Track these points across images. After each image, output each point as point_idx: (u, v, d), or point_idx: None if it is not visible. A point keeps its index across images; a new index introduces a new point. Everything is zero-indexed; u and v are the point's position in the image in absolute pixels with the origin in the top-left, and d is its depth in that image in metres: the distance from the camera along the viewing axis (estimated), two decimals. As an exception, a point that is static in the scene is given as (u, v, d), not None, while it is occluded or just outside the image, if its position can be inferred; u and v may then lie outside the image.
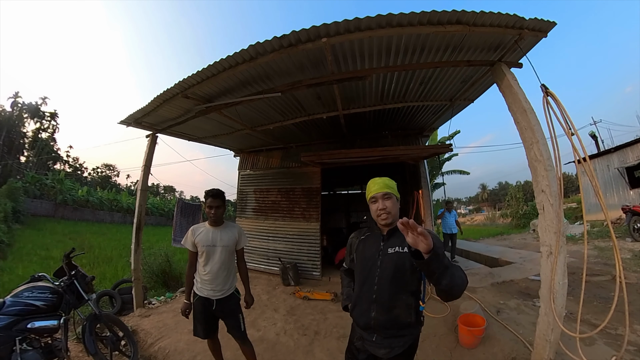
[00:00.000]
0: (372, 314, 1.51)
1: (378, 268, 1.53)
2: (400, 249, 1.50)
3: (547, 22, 2.60)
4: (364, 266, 1.59)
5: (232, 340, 2.64)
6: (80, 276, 2.90)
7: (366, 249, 1.63)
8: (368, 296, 1.53)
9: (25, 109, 36.13)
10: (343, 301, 1.79)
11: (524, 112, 2.64)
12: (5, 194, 16.54)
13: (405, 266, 1.46)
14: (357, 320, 1.60)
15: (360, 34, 2.69)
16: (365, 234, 1.71)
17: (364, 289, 1.56)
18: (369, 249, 1.61)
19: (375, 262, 1.54)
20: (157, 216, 28.46)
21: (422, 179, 6.20)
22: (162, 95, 3.79)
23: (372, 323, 1.51)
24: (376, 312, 1.50)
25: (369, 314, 1.52)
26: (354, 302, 1.63)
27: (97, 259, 9.82)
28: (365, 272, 1.57)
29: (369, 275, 1.55)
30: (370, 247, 1.61)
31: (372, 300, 1.51)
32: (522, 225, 17.27)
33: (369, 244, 1.63)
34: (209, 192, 2.47)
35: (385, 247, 1.54)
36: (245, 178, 7.55)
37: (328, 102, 4.52)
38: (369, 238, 1.66)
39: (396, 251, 1.50)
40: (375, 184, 1.59)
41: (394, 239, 1.54)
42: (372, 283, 1.53)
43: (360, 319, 1.57)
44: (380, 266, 1.52)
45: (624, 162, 11.27)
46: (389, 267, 1.50)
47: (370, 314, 1.51)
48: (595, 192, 2.31)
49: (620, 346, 2.19)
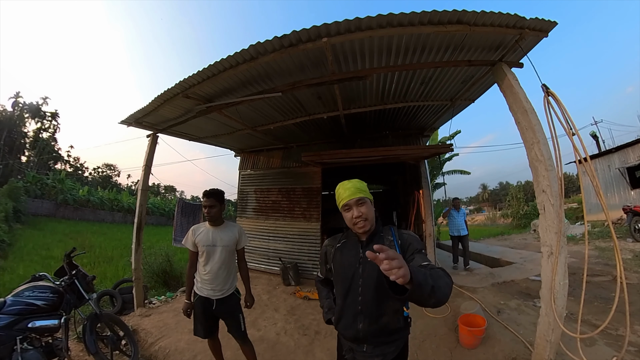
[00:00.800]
0: (360, 326, 1.42)
1: (360, 277, 1.42)
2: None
3: (548, 21, 2.60)
4: (345, 276, 1.47)
5: (232, 340, 2.64)
6: (81, 276, 2.91)
7: (344, 257, 1.51)
8: (353, 308, 1.44)
9: (26, 109, 36.20)
10: (325, 314, 1.67)
11: (525, 112, 2.64)
12: (6, 193, 16.57)
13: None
14: (344, 333, 1.51)
15: (361, 34, 2.69)
16: (341, 241, 1.58)
17: (347, 300, 1.46)
18: (347, 258, 1.49)
19: (357, 271, 1.43)
20: (157, 216, 28.50)
21: (422, 179, 6.19)
22: (163, 95, 3.79)
23: (360, 335, 1.42)
24: (363, 324, 1.41)
25: (356, 326, 1.42)
26: (337, 314, 1.52)
27: (97, 258, 9.84)
28: (347, 282, 1.46)
29: (351, 286, 1.44)
30: (349, 255, 1.49)
31: (358, 312, 1.42)
32: (523, 226, 17.26)
33: (347, 252, 1.51)
34: (204, 192, 2.50)
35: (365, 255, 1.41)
36: (245, 178, 7.55)
37: (329, 102, 4.52)
38: (345, 245, 1.54)
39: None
40: (346, 189, 1.44)
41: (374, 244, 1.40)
42: (355, 294, 1.43)
43: (347, 332, 1.48)
44: (362, 275, 1.42)
45: (625, 162, 11.26)
46: (372, 275, 1.38)
47: (357, 325, 1.42)
48: (596, 192, 2.31)
49: (621, 347, 2.19)
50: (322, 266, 1.69)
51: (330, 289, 1.71)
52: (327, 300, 1.70)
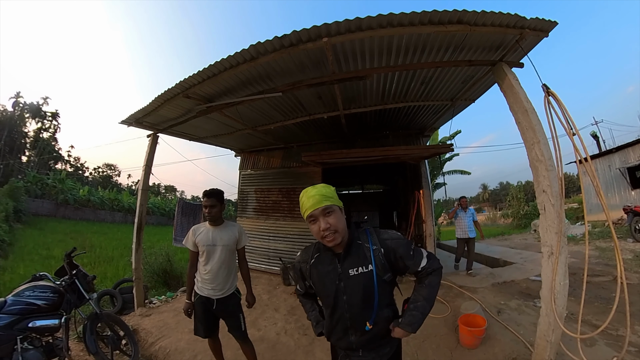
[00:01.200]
0: (352, 338, 1.36)
1: (344, 294, 1.32)
2: (364, 268, 1.30)
3: (548, 21, 2.59)
4: (327, 294, 1.37)
5: (232, 340, 2.64)
6: (82, 275, 2.91)
7: (321, 274, 1.38)
8: (342, 324, 1.37)
9: (27, 109, 36.25)
10: (315, 328, 1.58)
11: (525, 112, 2.63)
12: (6, 193, 16.59)
13: (374, 287, 1.29)
14: (337, 345, 1.47)
15: (361, 34, 2.69)
16: (314, 255, 1.42)
17: (334, 317, 1.38)
18: (326, 275, 1.37)
19: (339, 288, 1.33)
20: (158, 216, 28.51)
21: (423, 179, 6.19)
22: (163, 95, 3.80)
23: (353, 345, 1.38)
24: (355, 336, 1.36)
25: (348, 339, 1.37)
26: (327, 330, 1.45)
27: (98, 258, 9.85)
28: (330, 299, 1.36)
29: (336, 304, 1.35)
30: (326, 271, 1.37)
31: (348, 327, 1.36)
32: (523, 226, 17.25)
33: (323, 268, 1.38)
34: (204, 192, 2.51)
35: (345, 270, 1.32)
36: (246, 178, 7.56)
37: (329, 102, 4.52)
38: (320, 261, 1.40)
39: (360, 272, 1.30)
40: (310, 197, 1.28)
41: (352, 257, 1.32)
42: (342, 310, 1.34)
43: (340, 343, 1.43)
44: (345, 292, 1.32)
45: (626, 163, 11.24)
46: (355, 291, 1.30)
47: (349, 338, 1.37)
48: (597, 192, 2.31)
49: (621, 347, 2.19)
50: (301, 282, 1.57)
51: (314, 300, 1.63)
52: (313, 312, 1.61)
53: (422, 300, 1.33)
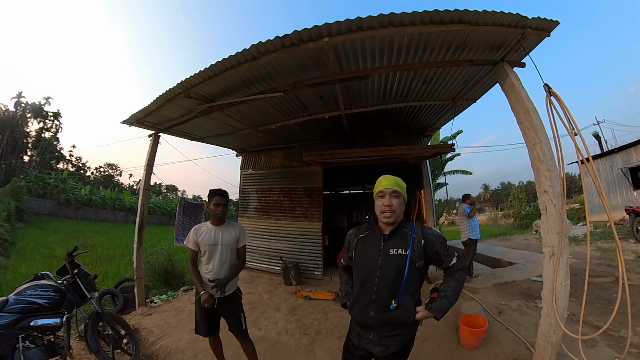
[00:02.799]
0: (371, 313, 1.51)
1: (378, 269, 1.50)
2: (403, 250, 1.49)
3: (550, 21, 2.58)
4: (364, 266, 1.56)
5: (233, 339, 2.65)
6: (83, 275, 2.91)
7: (366, 248, 1.59)
8: (367, 296, 1.52)
9: (29, 109, 36.40)
10: (341, 298, 1.77)
11: (527, 112, 2.62)
12: (8, 193, 16.67)
13: (406, 268, 1.46)
14: (356, 318, 1.60)
15: (362, 34, 2.69)
16: (365, 232, 1.65)
17: (363, 288, 1.54)
18: (369, 249, 1.57)
19: (376, 263, 1.52)
20: (159, 215, 28.59)
21: (424, 179, 6.18)
22: (165, 95, 3.80)
23: (370, 322, 1.51)
24: (375, 312, 1.50)
25: (367, 313, 1.51)
26: (352, 300, 1.61)
27: (99, 257, 9.89)
28: (366, 272, 1.55)
29: (369, 276, 1.53)
30: (371, 246, 1.57)
31: (371, 300, 1.51)
32: (525, 226, 17.20)
33: (369, 243, 1.59)
34: (216, 191, 2.51)
35: (386, 248, 1.52)
36: (247, 177, 7.56)
37: (330, 102, 4.51)
38: (368, 237, 1.62)
39: (398, 253, 1.49)
40: (387, 179, 1.57)
41: (396, 239, 1.53)
42: (372, 283, 1.51)
43: (358, 317, 1.57)
44: (381, 267, 1.50)
45: (628, 163, 11.20)
46: (389, 269, 1.48)
47: (369, 313, 1.51)
48: (599, 192, 2.30)
49: (623, 348, 2.18)
50: (345, 253, 1.76)
51: (350, 275, 1.77)
52: (345, 285, 1.78)
53: (451, 291, 1.51)
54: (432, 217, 6.04)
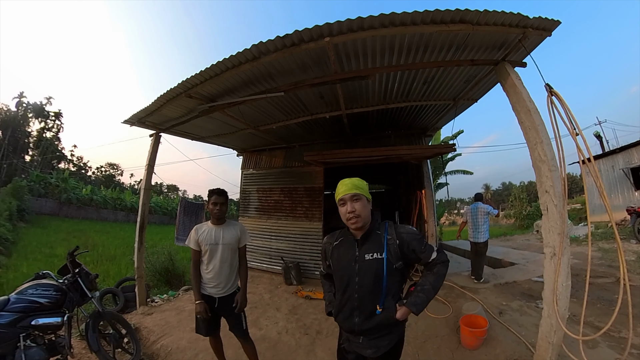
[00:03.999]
0: (356, 320, 1.49)
1: (356, 275, 1.49)
2: (378, 254, 1.46)
3: (551, 20, 2.58)
4: (342, 274, 1.55)
5: (234, 339, 2.65)
6: (84, 274, 2.92)
7: (341, 255, 1.57)
8: (350, 303, 1.50)
9: (30, 109, 36.50)
10: (326, 307, 1.75)
11: (528, 112, 2.62)
12: (10, 192, 16.72)
13: (384, 272, 1.44)
14: (342, 326, 1.59)
15: (363, 33, 2.69)
16: (339, 239, 1.63)
17: (344, 296, 1.53)
18: (344, 256, 1.55)
19: (353, 270, 1.50)
20: (160, 215, 28.65)
21: (425, 179, 6.17)
22: (166, 94, 3.80)
23: (356, 328, 1.49)
24: (359, 318, 1.48)
25: (353, 320, 1.50)
26: (336, 309, 1.58)
27: (100, 257, 9.91)
28: (344, 280, 1.53)
29: (348, 283, 1.51)
30: (345, 253, 1.55)
31: (355, 307, 1.49)
32: (526, 226, 17.19)
33: (344, 250, 1.57)
34: (214, 190, 2.51)
35: (362, 254, 1.50)
36: (248, 177, 7.57)
37: (331, 102, 4.51)
38: (342, 244, 1.60)
39: (374, 257, 1.46)
40: (343, 185, 1.51)
41: (369, 244, 1.50)
42: (352, 291, 1.49)
43: (344, 325, 1.56)
44: (359, 273, 1.48)
45: (629, 163, 11.17)
46: (368, 274, 1.46)
47: (354, 320, 1.49)
48: (600, 193, 2.29)
49: (624, 349, 2.17)
50: (323, 262, 1.76)
51: (332, 282, 1.75)
52: (328, 294, 1.76)
53: (429, 285, 1.49)
54: (433, 217, 6.03)
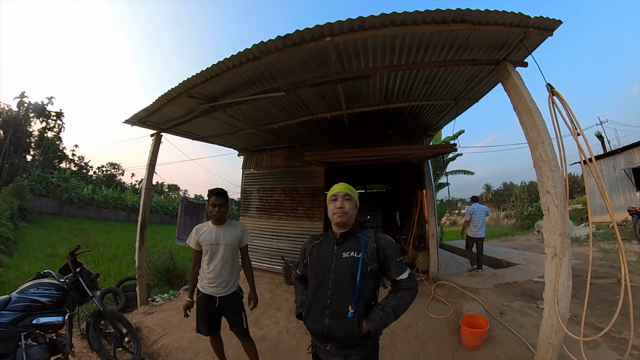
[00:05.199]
0: (326, 321, 1.44)
1: (332, 272, 1.49)
2: (355, 253, 1.48)
3: (552, 20, 2.57)
4: (317, 271, 1.55)
5: (234, 338, 2.65)
6: (85, 273, 2.93)
7: (320, 253, 1.59)
8: (322, 302, 1.48)
9: (32, 109, 36.56)
10: (297, 309, 1.69)
11: (529, 112, 2.61)
12: (11, 192, 16.76)
13: (359, 272, 1.44)
14: (311, 328, 1.53)
15: (364, 33, 2.69)
16: (320, 238, 1.67)
17: (317, 294, 1.51)
18: (323, 253, 1.57)
19: (329, 266, 1.50)
20: (161, 214, 28.65)
21: (426, 179, 6.16)
22: (167, 94, 3.81)
23: (325, 331, 1.44)
24: (330, 319, 1.43)
25: (323, 321, 1.45)
26: (307, 308, 1.55)
27: (101, 256, 9.93)
28: (319, 277, 1.52)
29: (323, 280, 1.50)
30: (324, 251, 1.58)
31: (326, 306, 1.46)
32: (527, 227, 17.16)
33: (323, 247, 1.60)
34: (212, 191, 2.50)
35: (340, 251, 1.52)
36: (249, 177, 7.57)
37: (332, 102, 4.51)
38: (322, 242, 1.64)
39: (351, 256, 1.48)
40: (340, 185, 1.63)
41: (349, 243, 1.54)
42: (326, 288, 1.48)
43: (313, 326, 1.50)
44: (334, 270, 1.49)
45: (631, 163, 11.12)
46: (343, 272, 1.47)
47: (324, 320, 1.45)
48: (601, 193, 2.29)
49: (625, 350, 2.17)
50: (301, 262, 1.75)
51: (305, 286, 1.72)
52: (301, 296, 1.73)
53: (390, 308, 1.45)
54: (434, 217, 6.02)
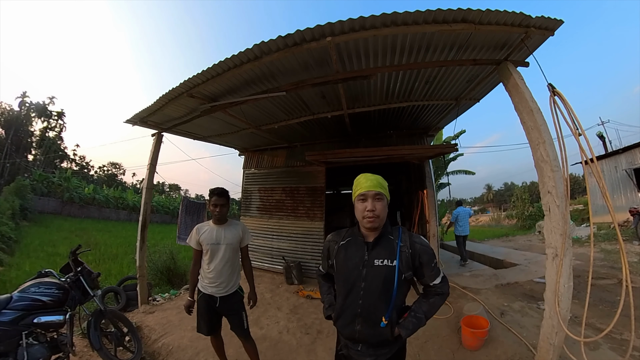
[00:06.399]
0: (357, 327, 1.39)
1: (363, 281, 1.37)
2: (389, 262, 1.36)
3: (554, 20, 2.56)
4: (347, 277, 1.42)
5: (235, 338, 2.66)
6: (86, 272, 2.94)
7: (348, 257, 1.44)
8: (352, 309, 1.40)
9: (33, 109, 36.64)
10: (325, 310, 1.62)
11: (531, 112, 2.61)
12: (13, 191, 16.82)
13: (395, 282, 1.33)
14: (341, 331, 1.49)
15: (365, 33, 2.68)
16: (346, 238, 1.51)
17: (347, 301, 1.42)
18: (352, 258, 1.43)
19: (360, 274, 1.38)
20: (162, 214, 28.71)
21: (427, 179, 6.16)
22: (168, 94, 3.81)
23: (356, 336, 1.40)
24: (361, 326, 1.38)
25: (354, 327, 1.40)
26: (337, 313, 1.48)
27: (102, 255, 9.95)
28: (349, 284, 1.41)
29: (352, 288, 1.40)
30: (353, 255, 1.43)
31: (357, 314, 1.39)
32: (528, 227, 17.12)
33: (351, 252, 1.45)
34: (213, 191, 2.49)
35: (371, 258, 1.38)
36: (249, 177, 7.57)
37: (333, 101, 4.51)
38: (350, 244, 1.47)
39: (384, 264, 1.36)
40: (368, 179, 1.40)
41: (380, 248, 1.39)
42: (356, 296, 1.38)
43: (344, 331, 1.46)
44: (365, 279, 1.37)
45: (632, 164, 11.09)
46: (375, 281, 1.36)
47: (355, 327, 1.39)
48: (603, 193, 2.28)
49: (625, 351, 2.17)
50: (325, 261, 1.64)
51: (331, 284, 1.66)
52: (328, 296, 1.65)
53: (422, 314, 1.41)
54: (435, 217, 6.02)
